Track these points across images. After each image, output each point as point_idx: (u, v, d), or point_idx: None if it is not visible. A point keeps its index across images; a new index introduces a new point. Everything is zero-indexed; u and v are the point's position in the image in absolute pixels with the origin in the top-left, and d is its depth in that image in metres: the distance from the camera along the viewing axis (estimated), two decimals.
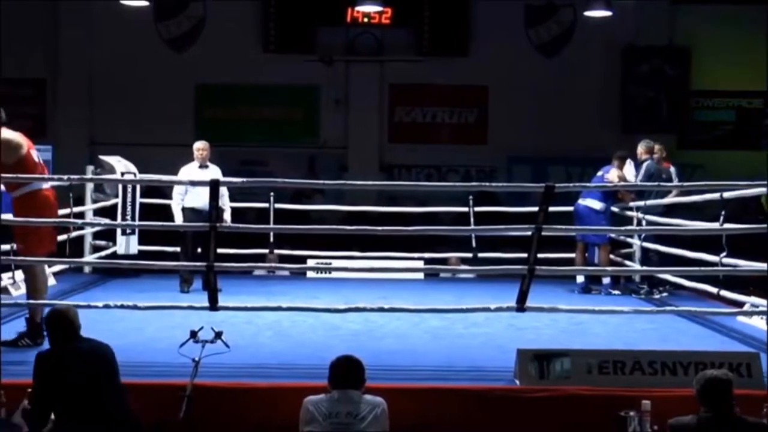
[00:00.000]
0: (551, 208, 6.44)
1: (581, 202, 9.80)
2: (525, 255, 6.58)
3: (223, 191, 9.40)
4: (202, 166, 9.39)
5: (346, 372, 4.86)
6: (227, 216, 9.44)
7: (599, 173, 9.99)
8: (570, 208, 9.89)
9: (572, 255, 9.97)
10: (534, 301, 6.58)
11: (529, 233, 6.42)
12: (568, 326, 7.52)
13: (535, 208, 6.57)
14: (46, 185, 6.74)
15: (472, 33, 15.73)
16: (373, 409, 4.73)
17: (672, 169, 10.00)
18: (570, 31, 15.71)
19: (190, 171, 9.36)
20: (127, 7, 13.59)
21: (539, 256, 6.54)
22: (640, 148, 9.82)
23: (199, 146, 9.48)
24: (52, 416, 4.85)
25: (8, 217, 6.77)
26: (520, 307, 6.55)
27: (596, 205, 9.69)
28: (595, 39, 15.22)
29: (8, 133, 6.67)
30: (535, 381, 5.70)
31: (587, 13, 13.77)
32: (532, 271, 6.43)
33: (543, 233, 6.39)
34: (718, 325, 7.70)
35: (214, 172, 9.38)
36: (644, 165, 9.65)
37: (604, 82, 15.70)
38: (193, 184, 9.02)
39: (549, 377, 5.72)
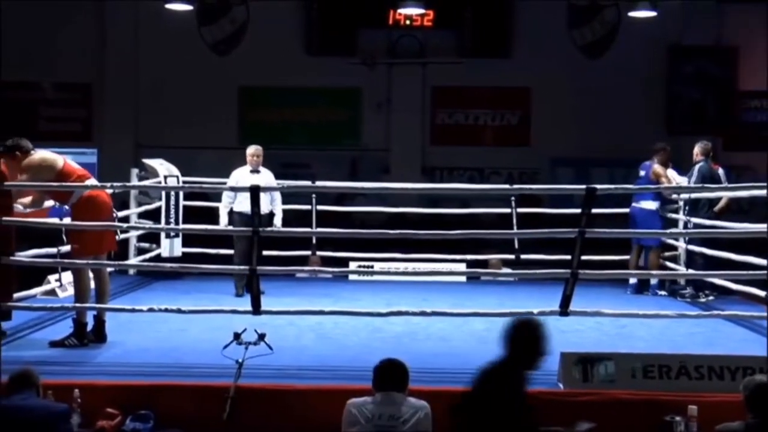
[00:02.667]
0: (602, 210, 6.39)
1: (635, 204, 9.76)
2: (568, 257, 6.54)
3: (276, 195, 9.45)
4: (254, 170, 9.40)
5: (390, 375, 4.84)
6: (278, 220, 9.46)
7: (642, 173, 9.91)
8: (621, 210, 9.82)
9: (619, 257, 9.88)
10: (580, 302, 6.55)
11: (573, 236, 6.38)
12: (612, 329, 7.46)
13: (579, 210, 6.52)
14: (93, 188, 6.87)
15: (515, 34, 15.66)
16: (416, 412, 4.71)
17: (720, 171, 9.86)
18: (614, 32, 15.57)
19: (241, 175, 9.36)
20: (171, 12, 13.72)
21: (583, 258, 6.49)
22: (697, 150, 9.65)
23: (253, 152, 9.46)
24: None
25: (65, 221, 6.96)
26: (564, 311, 6.50)
27: (651, 205, 9.68)
28: (639, 39, 15.06)
29: (41, 154, 6.84)
30: (578, 384, 5.67)
31: (632, 14, 13.64)
32: (576, 275, 6.39)
33: (587, 236, 6.35)
34: (766, 330, 7.58)
35: (265, 176, 9.42)
36: (697, 167, 9.50)
37: (649, 82, 15.54)
38: (234, 190, 9.09)
39: (593, 381, 5.68)
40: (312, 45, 15.63)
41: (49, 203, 7.47)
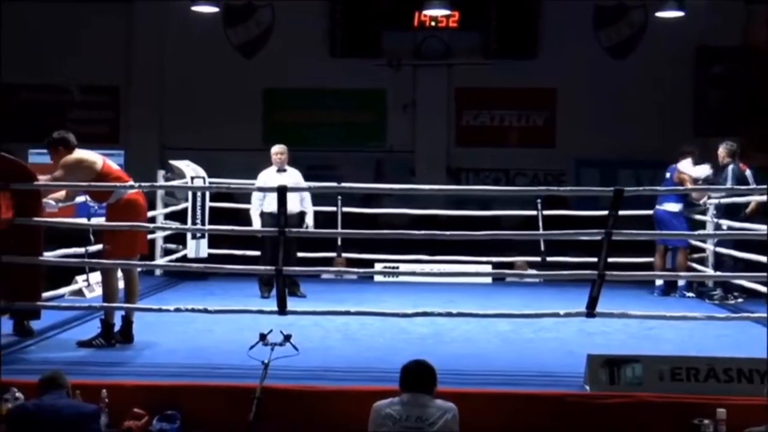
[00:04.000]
0: (627, 212, 6.35)
1: (659, 207, 9.71)
2: (594, 259, 6.50)
3: (306, 194, 9.45)
4: (280, 170, 9.40)
5: (418, 376, 4.80)
6: (309, 219, 9.45)
7: (667, 175, 9.86)
8: (645, 212, 9.75)
9: (646, 259, 9.82)
10: (607, 304, 6.51)
11: (599, 238, 6.34)
12: (639, 331, 7.41)
13: (605, 212, 6.49)
14: (130, 190, 6.92)
15: (541, 35, 15.62)
16: (443, 414, 4.66)
17: (747, 172, 9.77)
18: (641, 33, 15.49)
19: (268, 175, 9.34)
20: (197, 14, 13.78)
21: (610, 260, 6.45)
22: (722, 151, 9.56)
23: (277, 150, 9.45)
24: None
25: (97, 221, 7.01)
26: (590, 312, 6.47)
27: (674, 207, 9.63)
28: (666, 40, 14.97)
29: (81, 153, 6.90)
30: (605, 387, 5.63)
31: (659, 14, 13.52)
32: (603, 276, 6.35)
33: (613, 238, 6.32)
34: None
35: (292, 175, 9.42)
36: (729, 169, 9.41)
37: (676, 83, 15.44)
38: (261, 191, 9.10)
39: (620, 383, 5.64)
40: (337, 47, 15.66)
41: (80, 198, 7.51)
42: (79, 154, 6.92)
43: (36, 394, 4.81)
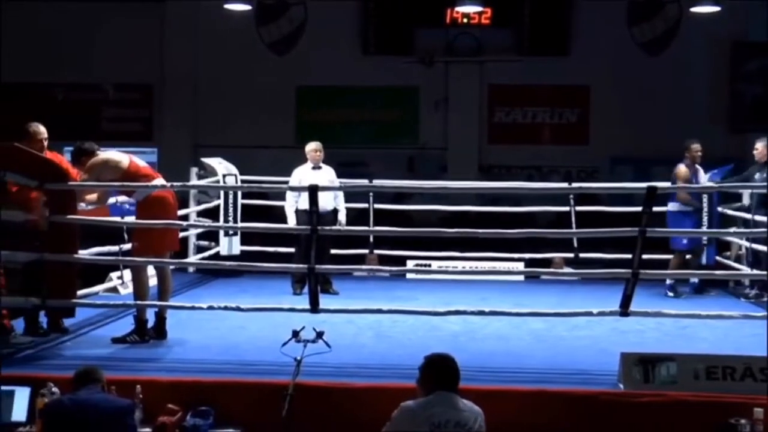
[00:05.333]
0: (662, 209, 6.28)
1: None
2: (627, 256, 6.45)
3: (339, 192, 9.46)
4: (316, 167, 9.42)
5: (449, 372, 4.59)
6: (342, 216, 9.47)
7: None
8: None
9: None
10: (640, 302, 6.46)
11: (633, 235, 6.29)
12: (674, 330, 7.34)
13: (638, 208, 6.44)
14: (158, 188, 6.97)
15: (573, 32, 15.53)
16: (476, 417, 4.46)
17: None
18: (675, 28, 15.34)
19: (303, 173, 9.34)
20: (230, 13, 13.84)
21: (644, 257, 6.39)
22: (760, 147, 9.29)
23: (315, 147, 9.45)
24: None
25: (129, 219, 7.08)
26: (624, 311, 6.42)
27: (672, 207, 9.44)
28: (701, 36, 14.84)
29: (106, 154, 6.96)
30: (639, 385, 5.58)
31: (694, 9, 13.40)
32: (637, 275, 6.30)
33: (647, 235, 6.27)
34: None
35: (327, 173, 9.44)
36: None
37: (711, 79, 15.30)
38: (293, 190, 9.11)
39: (654, 382, 5.59)
40: (369, 44, 15.68)
41: (112, 199, 7.57)
42: (104, 154, 7.00)
43: (71, 388, 4.84)
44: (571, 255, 10.13)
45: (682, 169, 9.41)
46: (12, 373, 5.76)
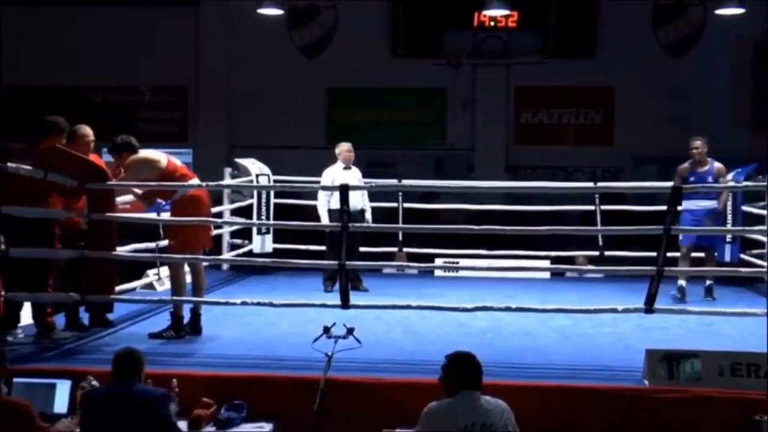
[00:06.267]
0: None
1: None
2: (652, 254, 6.41)
3: (364, 192, 9.47)
4: (346, 167, 9.44)
5: (472, 371, 4.55)
6: (368, 215, 9.49)
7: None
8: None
9: (702, 254, 9.62)
10: (664, 299, 6.40)
11: (658, 234, 6.25)
12: (698, 327, 7.27)
13: (663, 207, 6.39)
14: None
15: (598, 34, 15.45)
16: (502, 413, 4.44)
17: None
18: (700, 30, 15.20)
19: (335, 172, 9.35)
20: (263, 17, 13.88)
21: (668, 255, 6.35)
22: None
23: (348, 148, 9.48)
24: None
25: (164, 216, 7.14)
26: (649, 308, 6.38)
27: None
28: (726, 37, 14.69)
29: (145, 153, 7.01)
30: (664, 382, 5.54)
31: (719, 12, 13.25)
32: (661, 272, 6.26)
33: (672, 233, 6.23)
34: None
35: (356, 173, 9.47)
36: None
37: (735, 80, 15.15)
38: (324, 189, 9.13)
39: (679, 378, 5.55)
40: (398, 47, 15.68)
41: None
42: (144, 153, 7.03)
43: (110, 377, 4.87)
44: (596, 253, 10.06)
45: (680, 166, 9.28)
46: (53, 367, 5.84)
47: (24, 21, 16.12)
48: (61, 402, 5.48)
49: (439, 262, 10.44)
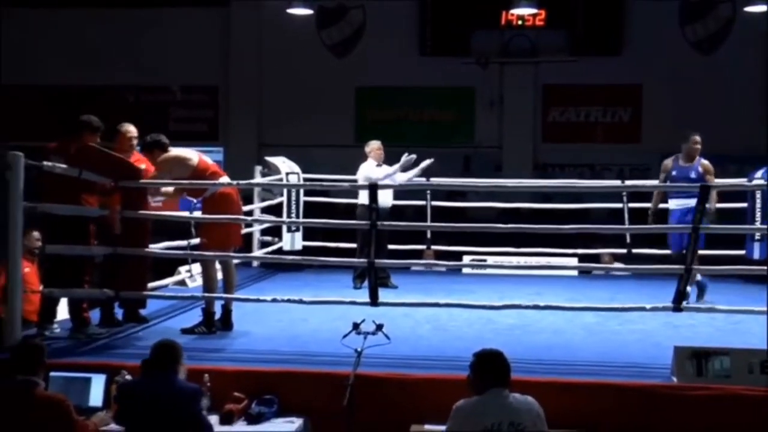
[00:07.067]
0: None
1: None
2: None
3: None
4: (378, 165, 9.45)
5: (500, 369, 4.50)
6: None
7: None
8: (733, 205, 9.45)
9: (734, 252, 9.53)
10: (691, 297, 6.35)
11: (686, 232, 6.21)
12: (726, 325, 7.21)
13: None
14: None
15: (626, 32, 15.36)
16: (530, 409, 4.42)
17: None
18: (728, 27, 15.07)
19: (369, 170, 9.36)
20: (292, 17, 13.94)
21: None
22: None
23: (379, 145, 9.51)
24: None
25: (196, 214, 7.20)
26: (677, 306, 6.34)
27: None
28: (754, 34, 14.53)
29: (176, 151, 7.06)
30: (692, 379, 5.50)
31: (748, 9, 13.13)
32: (690, 270, 6.22)
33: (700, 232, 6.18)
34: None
35: (387, 170, 9.47)
36: None
37: (764, 77, 14.98)
38: (354, 188, 9.15)
39: (707, 375, 5.51)
40: (426, 46, 15.67)
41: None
42: (176, 151, 7.09)
43: (146, 370, 4.91)
44: (623, 251, 10.01)
45: (665, 161, 9.08)
46: (88, 361, 5.90)
47: (59, 22, 16.32)
48: (96, 395, 5.54)
49: (466, 259, 10.42)
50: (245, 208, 8.57)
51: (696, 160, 8.67)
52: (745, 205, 9.36)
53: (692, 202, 8.14)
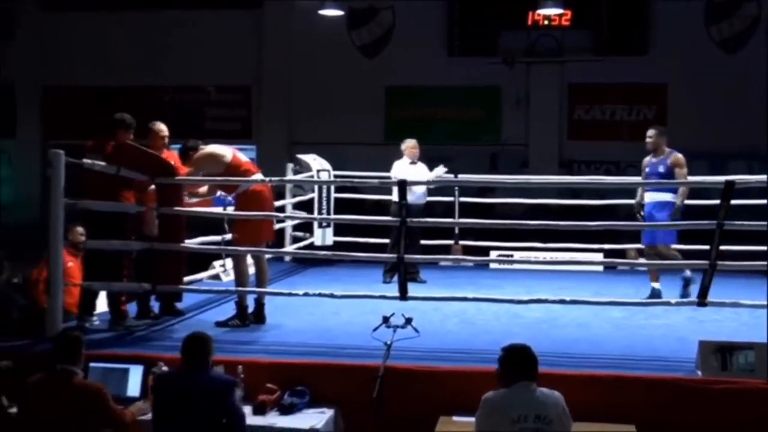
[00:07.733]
0: (738, 201, 6.10)
1: None
2: (704, 247, 6.31)
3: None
4: (412, 162, 9.46)
5: (528, 363, 4.48)
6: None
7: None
8: (757, 201, 9.34)
9: (758, 248, 9.42)
10: (717, 292, 6.30)
11: (711, 228, 6.15)
12: (751, 320, 7.13)
13: (715, 202, 6.29)
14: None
15: (651, 31, 15.23)
16: (555, 403, 4.39)
17: None
18: (754, 26, 14.90)
19: (402, 167, 9.37)
20: (323, 18, 13.96)
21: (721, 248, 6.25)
22: None
23: (414, 144, 9.51)
24: None
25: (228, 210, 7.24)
26: (702, 301, 6.28)
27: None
28: None
29: (211, 148, 7.12)
30: (717, 373, 5.46)
31: None
32: (714, 266, 6.16)
33: (725, 228, 6.13)
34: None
35: (422, 168, 9.49)
36: None
37: None
38: (382, 185, 9.15)
39: (732, 370, 5.47)
40: (454, 46, 15.66)
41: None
42: (210, 148, 7.15)
43: (181, 363, 4.94)
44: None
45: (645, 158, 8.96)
46: (126, 353, 5.95)
47: (99, 26, 16.46)
48: (134, 386, 5.60)
49: (494, 255, 10.39)
50: (277, 204, 8.59)
51: (666, 154, 8.56)
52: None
53: (659, 196, 8.23)
